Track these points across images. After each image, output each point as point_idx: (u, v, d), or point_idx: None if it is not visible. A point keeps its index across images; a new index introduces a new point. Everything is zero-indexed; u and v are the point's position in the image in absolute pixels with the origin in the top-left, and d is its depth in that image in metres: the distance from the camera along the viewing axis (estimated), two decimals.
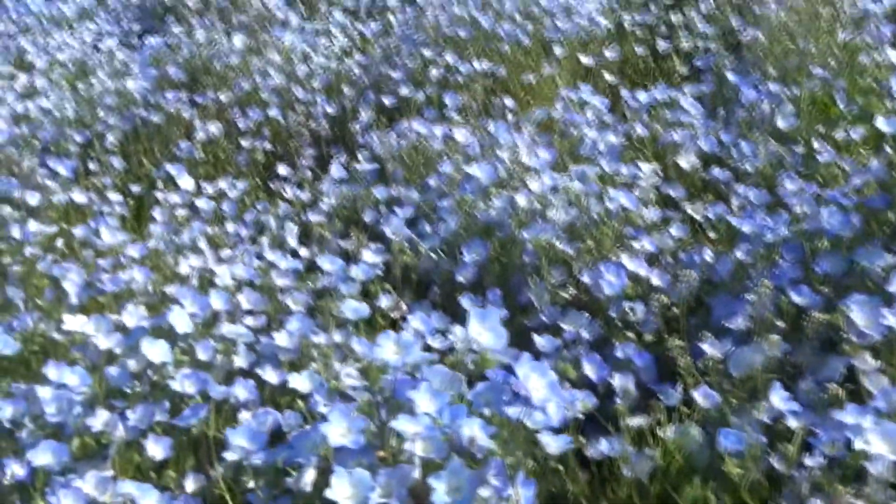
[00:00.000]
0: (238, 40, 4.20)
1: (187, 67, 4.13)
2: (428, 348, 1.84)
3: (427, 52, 3.91)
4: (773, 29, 3.60)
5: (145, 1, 5.64)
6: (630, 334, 2.19)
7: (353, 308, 2.11)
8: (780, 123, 3.08)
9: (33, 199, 3.06)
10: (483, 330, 1.64)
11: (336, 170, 3.28)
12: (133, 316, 2.17)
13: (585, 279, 2.33)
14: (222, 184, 3.36)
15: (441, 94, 3.64)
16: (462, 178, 2.73)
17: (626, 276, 2.28)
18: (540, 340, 2.10)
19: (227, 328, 2.13)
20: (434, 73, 3.76)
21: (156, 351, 1.97)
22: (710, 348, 1.95)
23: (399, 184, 3.11)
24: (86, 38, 4.90)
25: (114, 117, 3.82)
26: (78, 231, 2.83)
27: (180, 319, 2.07)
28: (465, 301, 2.29)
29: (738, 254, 2.27)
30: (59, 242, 2.93)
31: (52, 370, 1.93)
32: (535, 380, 1.55)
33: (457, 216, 2.59)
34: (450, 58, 3.81)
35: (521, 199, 2.50)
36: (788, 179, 2.67)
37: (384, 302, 2.33)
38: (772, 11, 3.69)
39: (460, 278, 2.45)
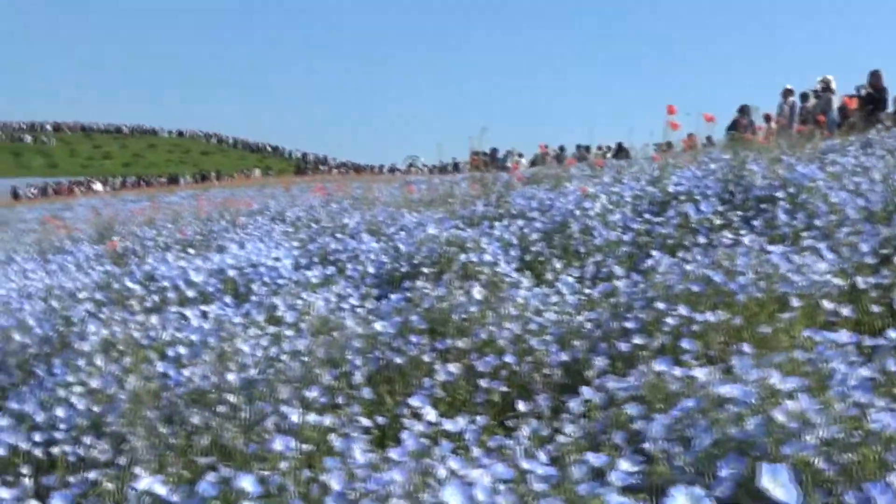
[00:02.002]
0: (477, 292, 4.47)
1: (427, 317, 4.40)
2: None
3: (660, 305, 4.04)
4: None
5: (382, 269, 6.12)
6: None
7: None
8: None
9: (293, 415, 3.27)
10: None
11: (575, 404, 3.34)
12: None
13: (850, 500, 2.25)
14: (461, 420, 3.48)
15: (675, 342, 3.72)
16: (714, 402, 2.74)
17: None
18: None
19: None
20: (670, 321, 3.86)
21: None
22: None
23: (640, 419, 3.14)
24: (331, 298, 5.30)
25: (360, 359, 4.07)
26: (337, 443, 2.98)
27: None
28: None
29: None
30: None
31: None
32: None
33: (710, 434, 2.59)
34: (683, 310, 3.92)
35: (779, 416, 2.48)
36: None
37: None
38: None
39: (717, 493, 2.41)
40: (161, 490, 2.61)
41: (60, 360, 4.54)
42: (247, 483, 2.48)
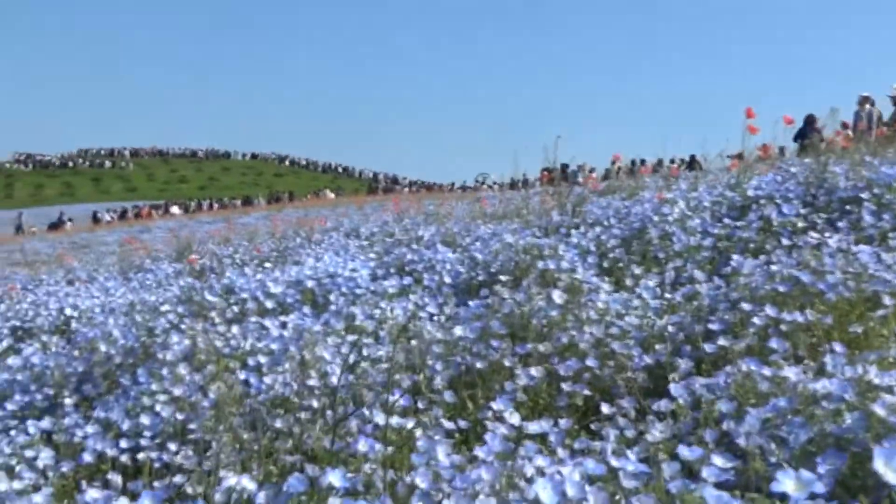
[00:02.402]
0: (557, 296, 4.43)
1: (506, 322, 4.36)
2: None
3: (746, 306, 3.95)
4: None
5: (458, 279, 6.10)
6: None
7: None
8: None
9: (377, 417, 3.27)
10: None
11: (662, 404, 3.28)
12: None
13: None
14: (544, 423, 3.43)
15: (762, 343, 3.64)
16: (808, 399, 2.66)
17: None
18: None
19: None
20: (756, 321, 3.77)
21: None
22: None
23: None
24: (408, 307, 5.29)
25: (441, 363, 4.06)
26: (420, 443, 2.97)
27: None
28: None
29: None
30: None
31: None
32: None
33: (807, 430, 2.51)
34: (770, 311, 3.82)
35: (879, 410, 2.40)
36: None
37: None
38: None
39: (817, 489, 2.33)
40: (250, 485, 2.62)
41: (144, 369, 4.61)
42: (334, 478, 2.47)
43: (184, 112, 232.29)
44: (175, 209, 57.90)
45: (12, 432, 4.18)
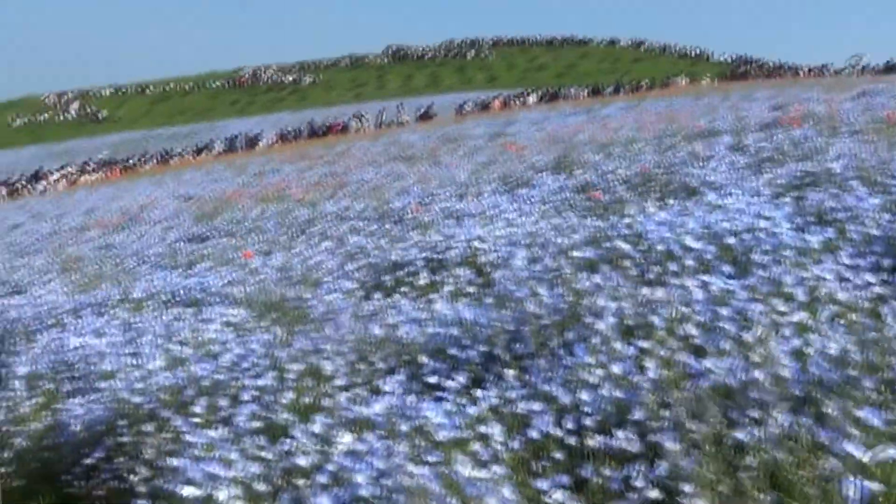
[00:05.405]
0: None
1: None
2: None
3: None
4: None
5: (889, 231, 5.54)
6: None
7: None
8: None
9: None
10: None
11: None
12: None
13: None
14: None
15: None
16: None
17: None
18: None
19: None
20: None
21: None
22: None
23: None
24: (845, 275, 4.89)
25: None
26: None
27: None
28: None
29: None
30: None
31: None
32: None
33: None
34: None
35: None
36: None
37: None
38: None
39: None
40: None
41: (575, 334, 4.61)
42: None
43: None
44: (532, 99, 58.81)
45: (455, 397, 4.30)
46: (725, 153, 11.15)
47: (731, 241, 5.52)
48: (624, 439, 3.72)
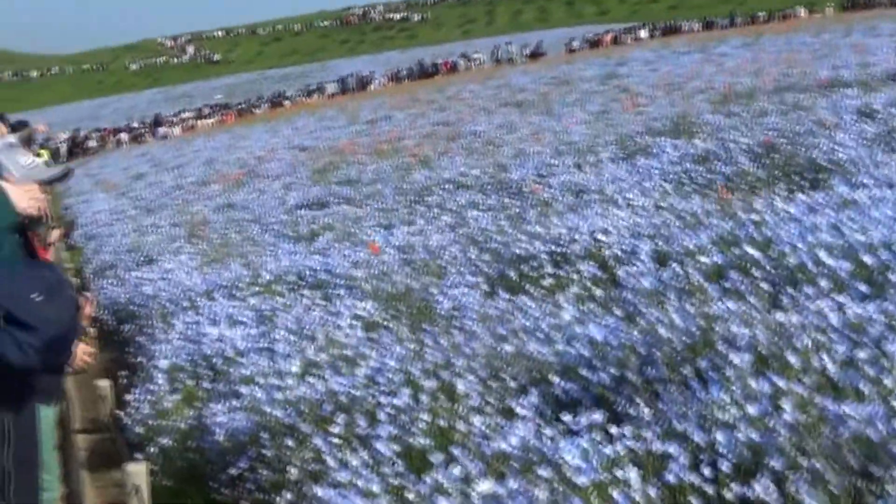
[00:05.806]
0: None
1: None
2: None
3: None
4: None
5: None
6: None
7: None
8: None
9: None
10: None
11: None
12: None
13: None
14: None
15: None
16: None
17: None
18: None
19: None
20: None
21: None
22: None
23: None
24: None
25: None
26: None
27: None
28: None
29: None
30: None
31: None
32: None
33: None
34: None
35: None
36: None
37: None
38: None
39: None
40: None
41: (708, 364, 4.58)
42: None
43: None
44: (643, 33, 57.51)
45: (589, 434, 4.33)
46: (852, 122, 10.61)
47: (868, 258, 5.30)
48: (762, 490, 3.70)
